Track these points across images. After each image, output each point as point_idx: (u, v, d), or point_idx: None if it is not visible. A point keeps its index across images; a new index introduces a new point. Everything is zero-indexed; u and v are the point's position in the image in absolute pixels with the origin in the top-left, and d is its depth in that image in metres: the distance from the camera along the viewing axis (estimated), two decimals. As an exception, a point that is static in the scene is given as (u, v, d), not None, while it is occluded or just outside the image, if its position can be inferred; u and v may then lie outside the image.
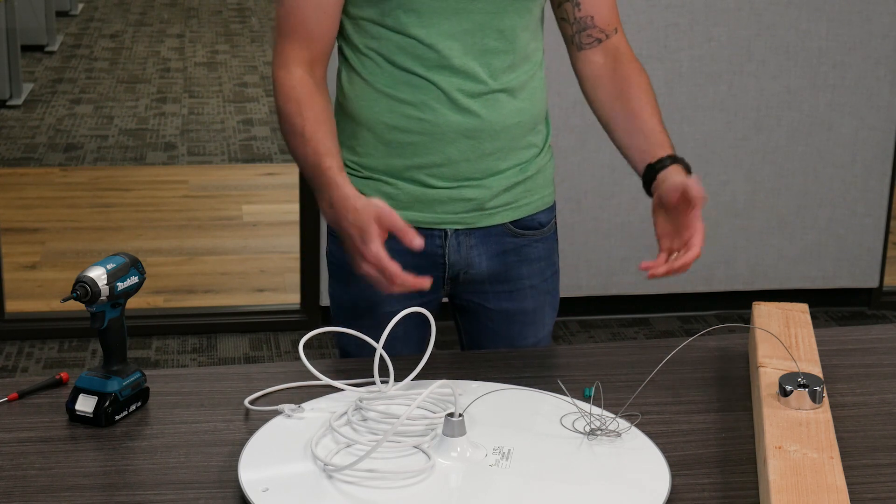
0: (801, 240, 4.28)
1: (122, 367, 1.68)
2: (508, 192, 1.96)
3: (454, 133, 1.89)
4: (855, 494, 1.46)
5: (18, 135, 6.33)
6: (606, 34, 1.97)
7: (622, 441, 1.60)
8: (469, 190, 1.93)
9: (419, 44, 1.85)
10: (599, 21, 1.95)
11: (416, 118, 1.88)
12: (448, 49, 1.85)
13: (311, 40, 1.87)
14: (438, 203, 1.93)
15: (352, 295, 1.99)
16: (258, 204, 5.41)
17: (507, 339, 2.05)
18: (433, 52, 1.85)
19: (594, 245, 4.17)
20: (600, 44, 1.97)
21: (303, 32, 1.86)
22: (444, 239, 1.96)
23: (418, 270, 1.71)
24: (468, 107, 1.88)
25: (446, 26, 1.84)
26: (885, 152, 4.23)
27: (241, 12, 9.94)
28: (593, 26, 1.95)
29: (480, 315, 2.05)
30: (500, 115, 1.90)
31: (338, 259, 2.01)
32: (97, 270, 1.61)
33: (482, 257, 1.99)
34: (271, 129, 6.57)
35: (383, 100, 1.89)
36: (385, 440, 1.51)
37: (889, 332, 2.05)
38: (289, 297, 4.35)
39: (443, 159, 1.90)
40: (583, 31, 1.96)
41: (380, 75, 1.88)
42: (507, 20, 1.87)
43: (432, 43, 1.85)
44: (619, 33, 1.98)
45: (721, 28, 4.01)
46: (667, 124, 2.02)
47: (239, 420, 1.67)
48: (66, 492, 1.49)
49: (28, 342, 4.02)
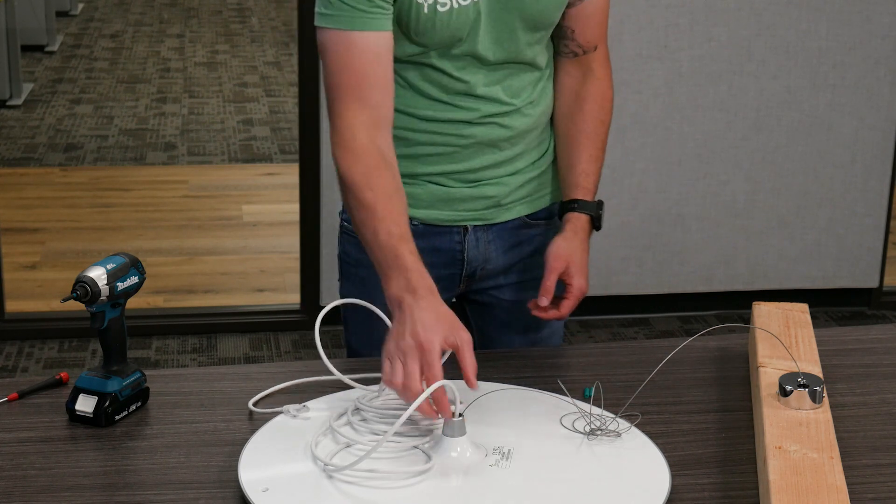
0: (801, 240, 4.28)
1: (122, 367, 1.68)
2: (525, 186, 2.00)
3: (477, 145, 1.92)
4: (855, 494, 1.46)
5: (18, 135, 6.33)
6: (584, 50, 1.97)
7: (622, 441, 1.60)
8: (489, 188, 1.96)
9: (444, 75, 1.87)
10: (579, 36, 1.95)
11: (440, 133, 1.91)
12: (473, 78, 1.88)
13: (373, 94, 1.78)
14: (459, 201, 1.96)
15: (363, 296, 1.99)
16: (258, 204, 5.41)
17: (520, 331, 2.05)
18: (458, 83, 1.87)
19: (594, 245, 4.11)
20: (576, 57, 1.98)
21: (363, 88, 1.77)
22: (462, 235, 1.98)
23: (437, 268, 1.72)
24: (490, 122, 1.91)
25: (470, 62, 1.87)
26: (885, 152, 4.22)
27: (241, 12, 9.94)
28: (572, 39, 1.96)
29: (495, 308, 2.06)
30: (521, 124, 1.94)
31: (352, 259, 2.01)
32: (97, 270, 1.61)
33: (499, 251, 2.01)
34: (271, 129, 6.57)
35: (405, 117, 1.91)
36: (385, 440, 1.51)
37: (889, 332, 2.05)
38: (289, 297, 4.35)
39: (465, 167, 1.93)
40: (562, 40, 1.97)
41: (403, 96, 1.89)
42: (523, 46, 1.89)
43: (459, 76, 1.87)
44: (598, 51, 1.98)
45: (721, 28, 4.01)
46: (667, 124, 2.03)
47: (239, 420, 1.67)
48: (66, 492, 1.49)
49: (28, 342, 4.02)
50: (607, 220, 4.14)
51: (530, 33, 1.88)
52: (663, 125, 4.04)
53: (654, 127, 4.04)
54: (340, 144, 1.79)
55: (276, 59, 8.26)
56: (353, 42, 1.76)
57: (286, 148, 6.23)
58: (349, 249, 2.01)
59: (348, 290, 2.04)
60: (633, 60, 3.96)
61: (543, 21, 1.88)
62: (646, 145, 4.05)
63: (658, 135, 4.05)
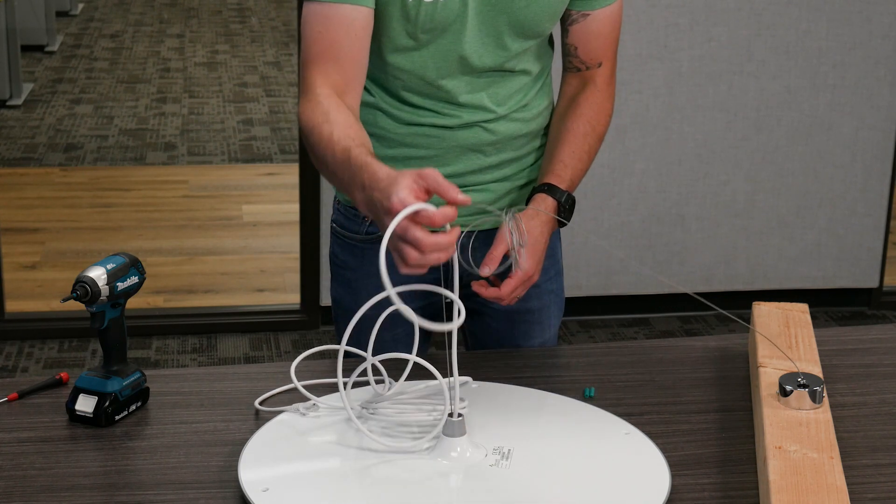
0: (801, 240, 4.28)
1: (122, 367, 1.68)
2: (512, 194, 1.97)
3: (459, 148, 1.91)
4: (855, 494, 1.46)
5: (18, 135, 6.32)
6: (587, 66, 1.96)
7: (622, 441, 1.60)
8: (473, 194, 1.93)
9: (425, 83, 1.86)
10: (582, 53, 1.95)
11: (423, 135, 1.90)
12: (455, 87, 1.87)
13: (341, 62, 1.79)
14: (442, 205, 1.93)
15: (353, 297, 1.99)
16: (258, 204, 5.41)
17: (512, 340, 2.04)
18: (440, 91, 1.86)
19: (594, 245, 4.17)
20: (579, 72, 1.97)
21: (332, 55, 1.78)
22: None
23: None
24: (474, 125, 1.89)
25: (455, 67, 1.85)
26: (885, 152, 4.23)
27: (241, 12, 9.94)
28: (575, 56, 1.96)
29: (485, 316, 2.04)
30: (507, 130, 1.92)
31: (340, 261, 2.01)
32: (97, 270, 1.61)
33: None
34: (271, 129, 6.57)
35: (386, 119, 1.90)
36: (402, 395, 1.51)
37: (889, 332, 2.05)
38: (289, 297, 4.35)
39: (448, 171, 1.91)
40: (566, 56, 1.97)
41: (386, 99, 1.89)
42: (513, 56, 1.88)
43: (441, 85, 1.86)
44: (602, 67, 1.96)
45: (721, 28, 4.01)
46: (667, 124, 2.02)
47: (239, 420, 1.67)
48: (66, 492, 1.49)
49: (28, 342, 4.02)
50: (607, 220, 4.16)
51: (519, 40, 1.86)
52: (663, 125, 4.04)
53: (654, 127, 4.04)
54: (305, 98, 1.77)
55: (276, 59, 8.26)
56: (329, 14, 1.77)
57: (286, 148, 6.23)
58: (336, 251, 2.02)
59: (336, 290, 2.04)
60: (633, 60, 3.96)
61: (532, 29, 1.86)
62: (646, 145, 4.05)
63: (658, 135, 4.05)
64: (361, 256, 1.99)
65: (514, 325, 2.03)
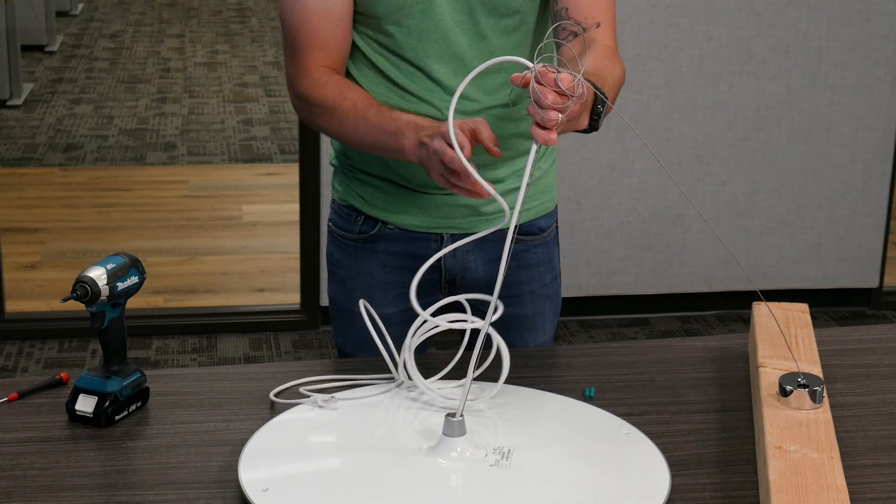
0: (801, 240, 4.28)
1: (122, 367, 1.68)
2: (505, 197, 1.94)
3: None
4: (855, 494, 1.46)
5: (18, 135, 6.32)
6: (583, 27, 1.80)
7: (622, 441, 1.60)
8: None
9: (410, 65, 1.85)
10: (574, 13, 1.81)
11: None
12: (438, 72, 1.85)
13: (328, 50, 1.83)
14: (434, 208, 1.92)
15: (344, 295, 1.99)
16: (258, 204, 5.41)
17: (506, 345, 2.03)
18: (424, 75, 1.85)
19: (594, 245, 4.17)
20: (576, 37, 1.80)
21: (318, 44, 1.82)
22: (439, 243, 1.95)
23: (414, 273, 1.67)
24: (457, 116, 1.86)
25: (434, 49, 1.84)
26: (885, 152, 4.23)
27: (241, 12, 9.94)
28: (567, 18, 1.82)
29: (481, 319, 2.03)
30: (497, 127, 1.86)
31: (336, 259, 2.01)
32: (97, 270, 1.61)
33: (478, 262, 1.97)
34: (271, 129, 6.57)
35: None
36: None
37: (889, 332, 2.05)
38: (289, 297, 4.35)
39: None
40: (558, 26, 1.82)
41: (376, 87, 1.88)
42: (495, 41, 1.85)
43: (423, 66, 1.84)
44: (601, 29, 1.82)
45: (721, 28, 4.01)
46: (667, 124, 2.01)
47: (239, 420, 1.67)
48: (66, 492, 1.49)
49: (28, 342, 4.02)
50: (607, 220, 4.17)
51: (492, 18, 1.82)
52: (663, 125, 4.04)
53: (654, 127, 4.04)
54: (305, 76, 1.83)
55: (276, 59, 8.26)
56: (306, 6, 1.82)
57: (286, 148, 6.23)
58: (332, 249, 2.02)
59: (332, 289, 2.04)
60: (633, 60, 3.96)
61: (503, 3, 1.82)
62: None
63: (658, 135, 4.05)
64: (355, 255, 1.98)
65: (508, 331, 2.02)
